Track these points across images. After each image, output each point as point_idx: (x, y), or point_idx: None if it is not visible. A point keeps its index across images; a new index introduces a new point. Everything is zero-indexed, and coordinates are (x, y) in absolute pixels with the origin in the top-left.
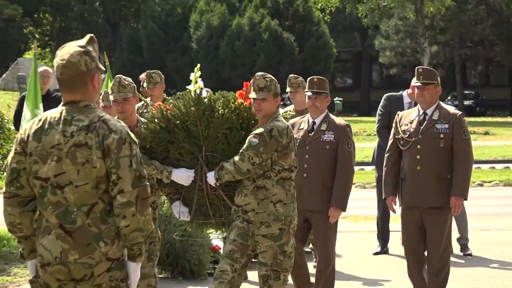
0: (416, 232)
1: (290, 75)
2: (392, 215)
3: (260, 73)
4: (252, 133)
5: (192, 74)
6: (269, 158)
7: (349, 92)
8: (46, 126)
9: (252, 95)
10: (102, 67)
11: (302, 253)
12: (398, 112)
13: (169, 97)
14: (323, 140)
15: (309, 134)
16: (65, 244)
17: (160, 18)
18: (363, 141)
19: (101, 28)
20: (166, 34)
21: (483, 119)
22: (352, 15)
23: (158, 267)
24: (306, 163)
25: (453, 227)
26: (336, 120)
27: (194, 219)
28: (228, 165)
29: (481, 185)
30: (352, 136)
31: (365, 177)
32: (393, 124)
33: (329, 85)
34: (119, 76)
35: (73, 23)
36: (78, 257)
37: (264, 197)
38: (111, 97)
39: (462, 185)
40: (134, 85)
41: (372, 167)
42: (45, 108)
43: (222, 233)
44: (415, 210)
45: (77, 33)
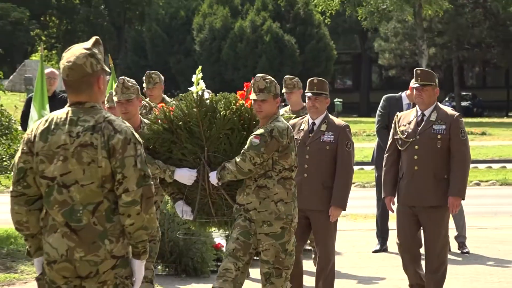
0: (412, 229)
1: (286, 76)
2: (391, 214)
3: (260, 75)
4: (253, 134)
5: (194, 76)
6: (270, 158)
7: (349, 93)
8: (53, 127)
9: (253, 97)
10: (108, 69)
11: (301, 252)
12: (397, 113)
13: (172, 98)
14: (323, 141)
15: (309, 135)
16: (71, 242)
17: (164, 21)
18: (363, 141)
19: (106, 31)
20: (170, 37)
21: (480, 120)
22: (352, 18)
23: (162, 265)
24: (307, 164)
25: (451, 226)
26: (336, 121)
27: (197, 218)
28: (230, 165)
29: (478, 185)
30: (351, 137)
31: (365, 177)
32: (392, 125)
33: (329, 87)
34: (123, 78)
35: (79, 26)
36: (84, 255)
37: (266, 196)
38: (115, 98)
39: (460, 185)
40: (138, 87)
41: (372, 167)
42: (52, 109)
43: (225, 232)
44: (412, 209)
45: (83, 36)
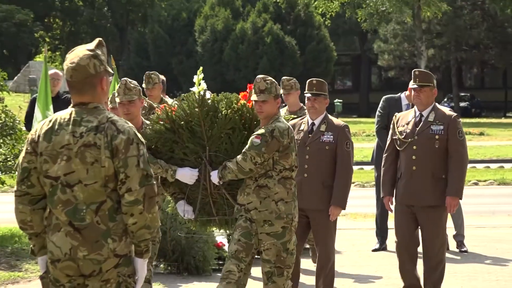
0: (410, 228)
1: (283, 78)
2: (390, 213)
3: (261, 76)
4: (254, 134)
5: (195, 77)
6: (271, 158)
7: (349, 94)
8: (56, 127)
9: (253, 97)
10: (111, 70)
11: (301, 252)
12: (396, 114)
13: (174, 99)
14: (323, 141)
15: (309, 135)
16: (74, 241)
17: (166, 23)
18: (363, 142)
19: (109, 32)
20: (172, 38)
21: (478, 120)
22: (352, 20)
23: (164, 263)
24: (307, 164)
25: (450, 225)
26: (335, 121)
27: (198, 217)
28: (231, 165)
29: (476, 184)
30: (351, 137)
31: (364, 176)
32: (391, 125)
33: (329, 88)
34: (125, 79)
35: (83, 28)
36: (87, 254)
37: (266, 196)
38: (117, 99)
39: (457, 185)
40: (140, 88)
41: (371, 167)
42: (55, 110)
43: (226, 231)
44: (410, 208)
45: (86, 37)
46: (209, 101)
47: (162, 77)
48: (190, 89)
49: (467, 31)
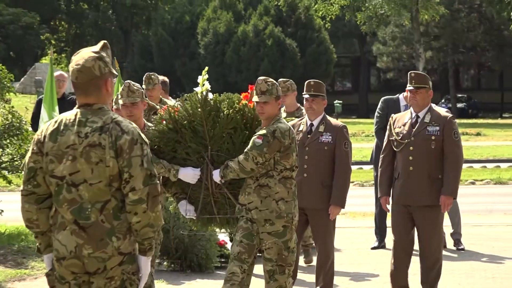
0: (406, 228)
1: (280, 80)
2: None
3: (262, 78)
4: (256, 134)
5: (200, 77)
6: (272, 158)
7: (348, 95)
8: (62, 128)
9: (255, 99)
10: (115, 72)
11: (299, 249)
12: (392, 115)
13: (176, 99)
14: (322, 141)
15: (308, 136)
16: (80, 239)
17: (170, 26)
18: (362, 142)
19: (114, 35)
20: (175, 41)
21: (475, 121)
22: (351, 23)
23: (168, 261)
24: (306, 164)
25: (447, 223)
26: (333, 122)
27: (200, 217)
28: (233, 164)
29: (473, 183)
30: (349, 137)
31: (364, 176)
32: (387, 126)
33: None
34: (128, 82)
35: (88, 30)
36: (92, 252)
37: (267, 195)
38: (120, 102)
39: (453, 185)
40: (142, 91)
41: (370, 166)
42: (61, 111)
43: (226, 231)
44: (407, 208)
45: (91, 40)
46: (211, 101)
47: (165, 79)
48: (194, 89)
49: (464, 34)
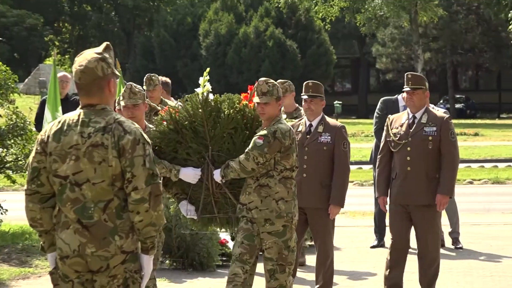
0: (404, 227)
1: (278, 81)
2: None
3: (263, 79)
4: (257, 135)
5: (201, 78)
6: (272, 158)
7: (348, 96)
8: (65, 128)
9: (256, 100)
10: (118, 73)
11: (300, 248)
12: (389, 116)
13: (177, 100)
14: (321, 142)
15: (307, 136)
16: (83, 238)
17: (172, 27)
18: (361, 142)
19: (117, 36)
20: (177, 42)
21: (473, 121)
22: (351, 24)
23: (170, 259)
24: (305, 164)
25: (445, 222)
26: (332, 122)
27: (200, 216)
28: (234, 164)
29: (471, 183)
30: (347, 137)
31: (363, 175)
32: (385, 127)
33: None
34: (130, 84)
35: (91, 32)
36: (95, 250)
37: (267, 195)
38: (122, 103)
39: (449, 185)
40: (144, 92)
41: (370, 166)
42: (64, 111)
43: (226, 231)
44: (405, 208)
45: (94, 41)
46: (212, 102)
47: (167, 80)
48: (195, 90)
49: (463, 35)
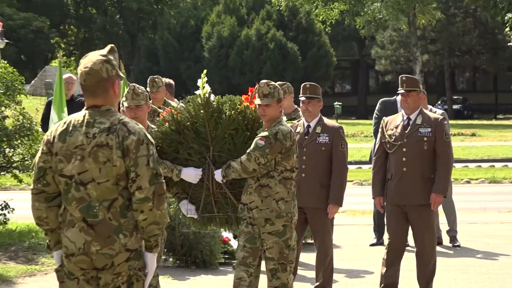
0: (400, 227)
1: (277, 83)
2: None
3: (265, 81)
4: (259, 136)
5: (199, 81)
6: (273, 159)
7: (348, 97)
8: (70, 128)
9: (257, 101)
10: (122, 75)
11: (300, 248)
12: (384, 118)
13: (179, 101)
14: (319, 142)
15: (305, 137)
16: (88, 236)
17: (175, 30)
18: (361, 142)
19: (121, 39)
20: (181, 44)
21: (470, 122)
22: (351, 27)
23: (173, 257)
24: (304, 164)
25: (443, 221)
26: (329, 123)
27: (200, 215)
28: (235, 164)
29: (469, 182)
30: (345, 137)
31: (363, 175)
32: (380, 129)
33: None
34: (133, 85)
35: (96, 34)
36: (100, 248)
37: (267, 195)
38: (125, 104)
39: (443, 184)
40: (147, 94)
41: (369, 166)
42: (70, 112)
43: (225, 230)
44: (401, 208)
45: (100, 43)
46: (214, 103)
47: (171, 81)
48: (195, 92)
49: (460, 38)
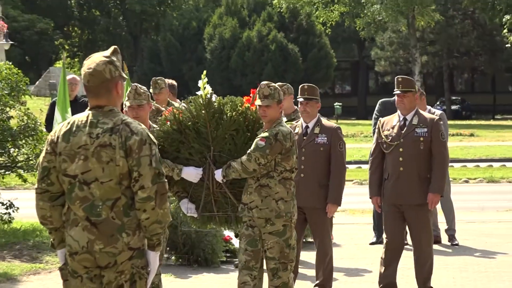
0: (398, 226)
1: (277, 84)
2: None
3: (265, 82)
4: (259, 136)
5: (200, 82)
6: (273, 160)
7: (348, 98)
8: (74, 129)
9: (258, 102)
10: (125, 76)
11: (300, 248)
12: (380, 118)
13: (181, 101)
14: (317, 143)
15: (304, 138)
16: (91, 235)
17: (178, 31)
18: (361, 142)
19: (124, 40)
20: (183, 46)
21: (469, 122)
22: (351, 28)
23: (176, 256)
24: (303, 164)
25: (442, 220)
26: (327, 124)
27: (200, 214)
28: (236, 164)
29: (467, 182)
30: (343, 137)
31: (362, 175)
32: (376, 130)
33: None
34: (135, 85)
35: (99, 36)
36: (103, 247)
37: (267, 195)
38: (127, 103)
39: (440, 184)
40: (149, 94)
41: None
42: (73, 112)
43: (225, 229)
44: (398, 207)
45: (103, 45)
46: (215, 104)
47: (173, 82)
48: (196, 93)
49: (458, 39)
